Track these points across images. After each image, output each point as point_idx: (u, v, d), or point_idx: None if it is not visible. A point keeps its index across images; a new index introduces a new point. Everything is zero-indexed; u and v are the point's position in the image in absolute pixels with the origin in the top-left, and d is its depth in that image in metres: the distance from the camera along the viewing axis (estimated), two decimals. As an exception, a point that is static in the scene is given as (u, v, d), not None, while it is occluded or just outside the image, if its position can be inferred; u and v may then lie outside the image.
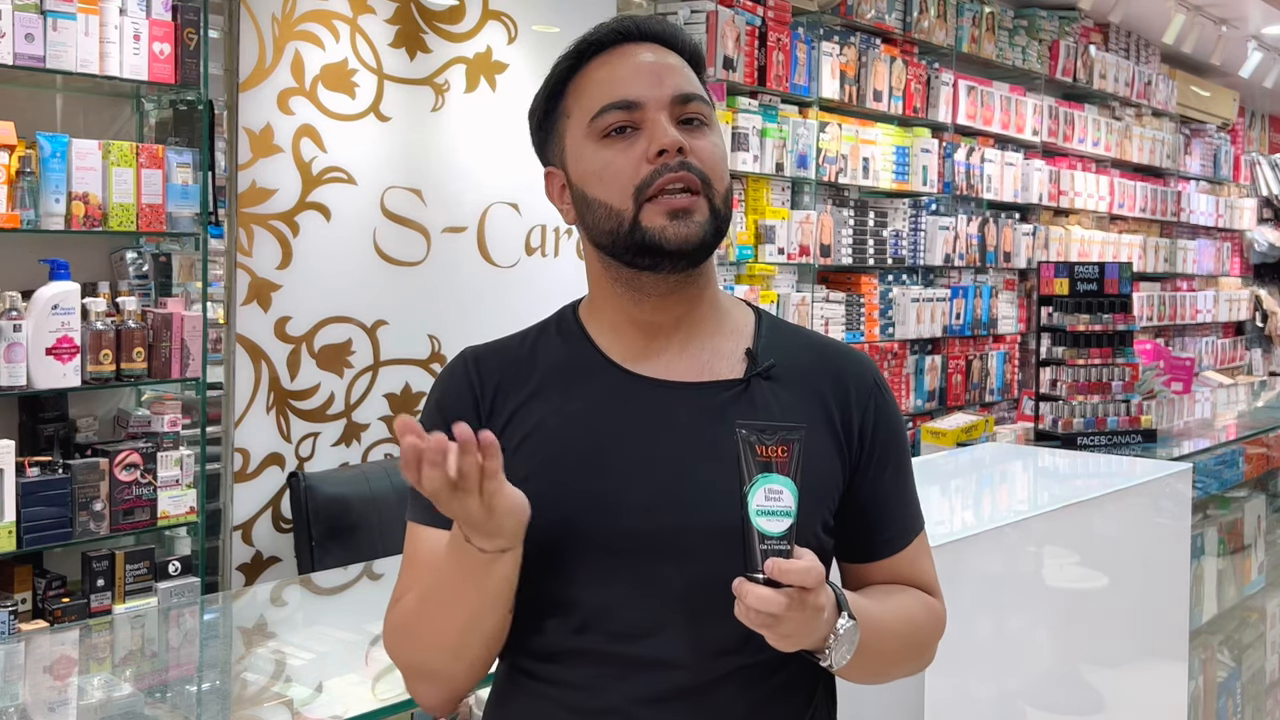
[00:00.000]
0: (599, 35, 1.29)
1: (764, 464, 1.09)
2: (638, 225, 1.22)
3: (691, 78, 1.29)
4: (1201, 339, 8.93)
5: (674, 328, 1.29)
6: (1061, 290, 3.79)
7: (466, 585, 1.18)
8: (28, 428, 3.09)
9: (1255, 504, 4.26)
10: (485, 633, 1.22)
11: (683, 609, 1.22)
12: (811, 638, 1.13)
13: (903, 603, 1.31)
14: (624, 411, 1.26)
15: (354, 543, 3.36)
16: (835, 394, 1.30)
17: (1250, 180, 9.81)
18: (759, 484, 1.09)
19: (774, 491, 1.09)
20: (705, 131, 1.26)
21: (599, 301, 1.32)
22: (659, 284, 1.26)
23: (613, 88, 1.25)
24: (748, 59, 4.82)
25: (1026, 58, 6.74)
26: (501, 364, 1.31)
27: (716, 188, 1.25)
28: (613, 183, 1.23)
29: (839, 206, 5.42)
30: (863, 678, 1.27)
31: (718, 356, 1.29)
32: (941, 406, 5.98)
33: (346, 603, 2.80)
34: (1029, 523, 2.49)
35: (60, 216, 2.94)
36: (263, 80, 3.45)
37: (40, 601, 2.96)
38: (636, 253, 1.24)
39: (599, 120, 1.25)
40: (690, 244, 1.22)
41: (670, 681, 1.22)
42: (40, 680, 2.24)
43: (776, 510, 1.09)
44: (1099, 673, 2.72)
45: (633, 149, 1.23)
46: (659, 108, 1.24)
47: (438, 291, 3.88)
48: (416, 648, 1.25)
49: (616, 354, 1.29)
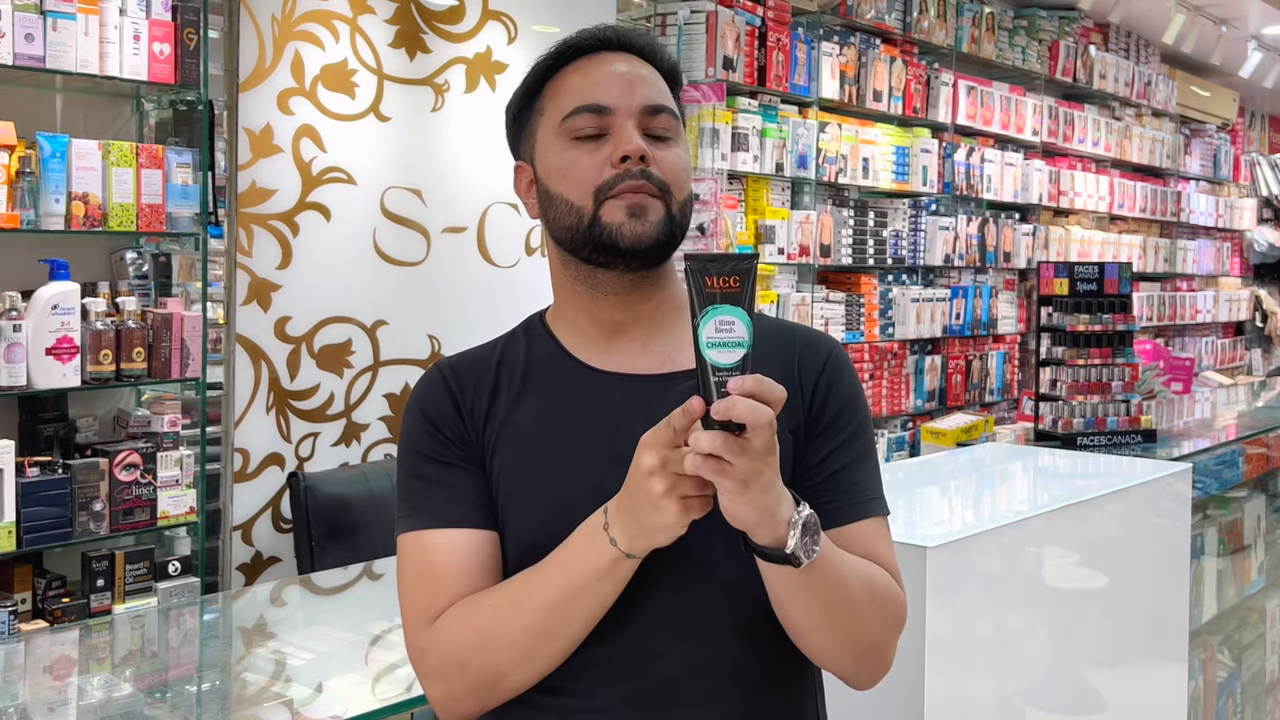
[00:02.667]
0: (580, 40, 1.34)
1: (712, 295, 1.07)
2: (597, 221, 1.26)
3: (664, 91, 1.33)
4: (1201, 339, 8.93)
5: (634, 324, 1.32)
6: (1061, 290, 3.78)
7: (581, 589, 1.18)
8: (28, 428, 3.09)
9: (1255, 504, 4.26)
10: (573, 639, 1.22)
11: (665, 599, 1.22)
12: (767, 510, 1.10)
13: (861, 561, 1.27)
14: (591, 407, 1.28)
15: (354, 543, 3.36)
16: (792, 371, 1.31)
17: (1250, 180, 9.82)
18: (709, 315, 1.06)
19: (725, 323, 1.06)
20: (670, 144, 1.31)
21: (562, 303, 1.36)
22: (616, 282, 1.30)
23: (586, 91, 1.30)
24: (748, 59, 4.82)
25: (1026, 58, 6.74)
26: (475, 372, 1.33)
27: (676, 196, 1.29)
28: (576, 181, 1.28)
29: (839, 207, 5.43)
30: (825, 628, 1.22)
31: (679, 349, 1.32)
32: (941, 407, 5.98)
33: (346, 603, 2.80)
34: (1029, 523, 2.49)
35: (60, 216, 2.94)
36: (263, 80, 3.45)
37: (40, 601, 2.96)
38: (594, 249, 1.27)
39: (570, 121, 1.29)
40: (644, 242, 1.26)
41: (656, 678, 1.23)
42: (40, 680, 2.24)
43: (728, 341, 1.06)
44: (1099, 673, 2.72)
45: (599, 151, 1.28)
46: (628, 115, 1.28)
47: (438, 291, 3.88)
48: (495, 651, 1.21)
49: (581, 352, 1.32)
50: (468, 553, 1.26)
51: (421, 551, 1.27)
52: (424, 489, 1.29)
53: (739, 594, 1.24)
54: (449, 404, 1.31)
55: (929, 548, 2.08)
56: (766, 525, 1.11)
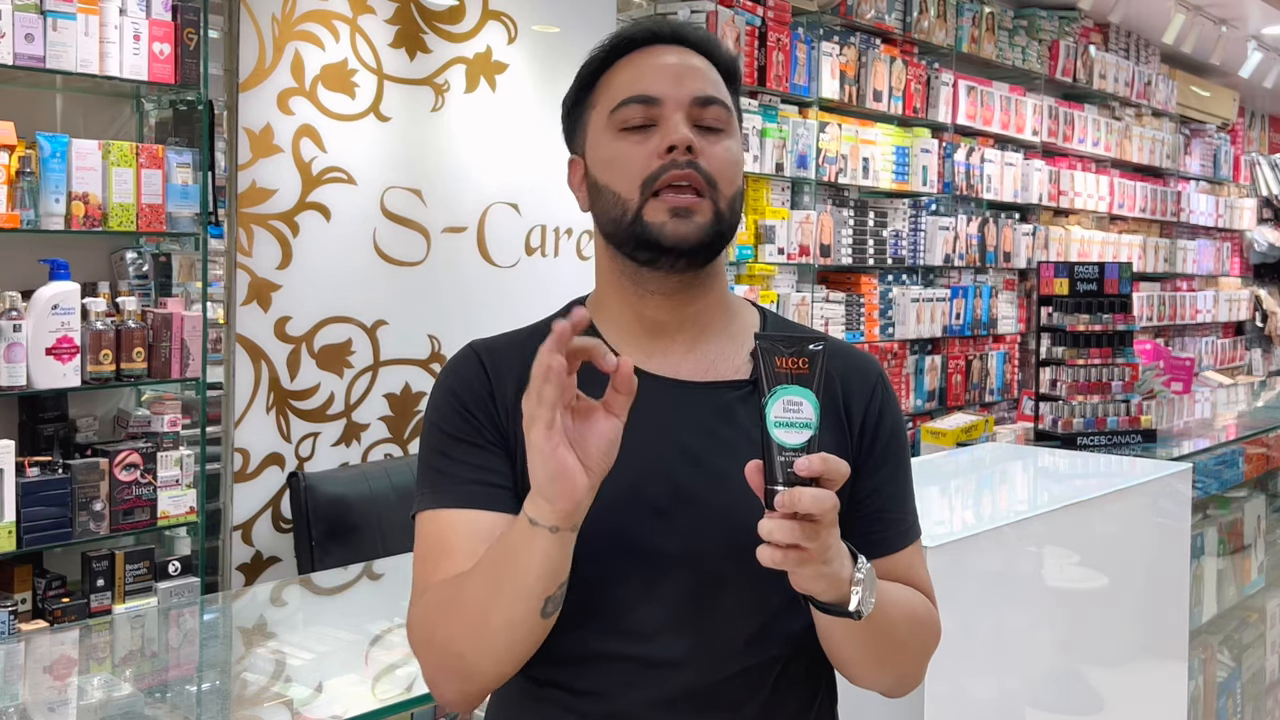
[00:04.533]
0: (633, 32, 1.32)
1: (781, 375, 1.07)
2: (640, 218, 1.24)
3: (717, 83, 1.31)
4: (1201, 339, 8.93)
5: (679, 327, 1.30)
6: (1061, 290, 3.78)
7: (507, 559, 1.14)
8: (28, 428, 3.09)
9: (1255, 504, 4.26)
10: (513, 619, 1.15)
11: (692, 609, 1.22)
12: (834, 577, 1.11)
13: (905, 591, 1.30)
14: (634, 410, 1.24)
15: (354, 543, 3.35)
16: (840, 391, 1.30)
17: (1250, 180, 9.82)
18: (777, 395, 1.06)
19: (793, 403, 1.06)
20: (721, 137, 1.28)
21: (606, 298, 1.33)
22: (661, 282, 1.27)
23: (635, 83, 1.28)
24: (748, 59, 4.82)
25: (1026, 58, 6.74)
26: (510, 357, 1.30)
27: (723, 191, 1.26)
28: (623, 172, 1.26)
29: (839, 206, 5.43)
30: (872, 662, 1.25)
31: (723, 358, 1.30)
32: (941, 406, 5.98)
33: (346, 603, 2.80)
34: (1029, 523, 2.49)
35: (60, 216, 2.94)
36: (263, 80, 3.45)
37: (40, 601, 2.96)
38: (636, 245, 1.25)
39: (619, 113, 1.28)
40: (687, 242, 1.24)
41: (678, 682, 1.22)
42: (40, 680, 2.24)
43: (795, 422, 1.06)
44: (1099, 673, 2.72)
45: (647, 142, 1.26)
46: (677, 107, 1.26)
47: (438, 291, 3.88)
48: (450, 625, 1.19)
49: (624, 350, 1.28)
50: (483, 534, 1.21)
51: (438, 530, 1.24)
52: (449, 467, 1.25)
53: (763, 609, 1.25)
54: (481, 384, 1.28)
55: (929, 548, 2.08)
56: (833, 589, 1.12)
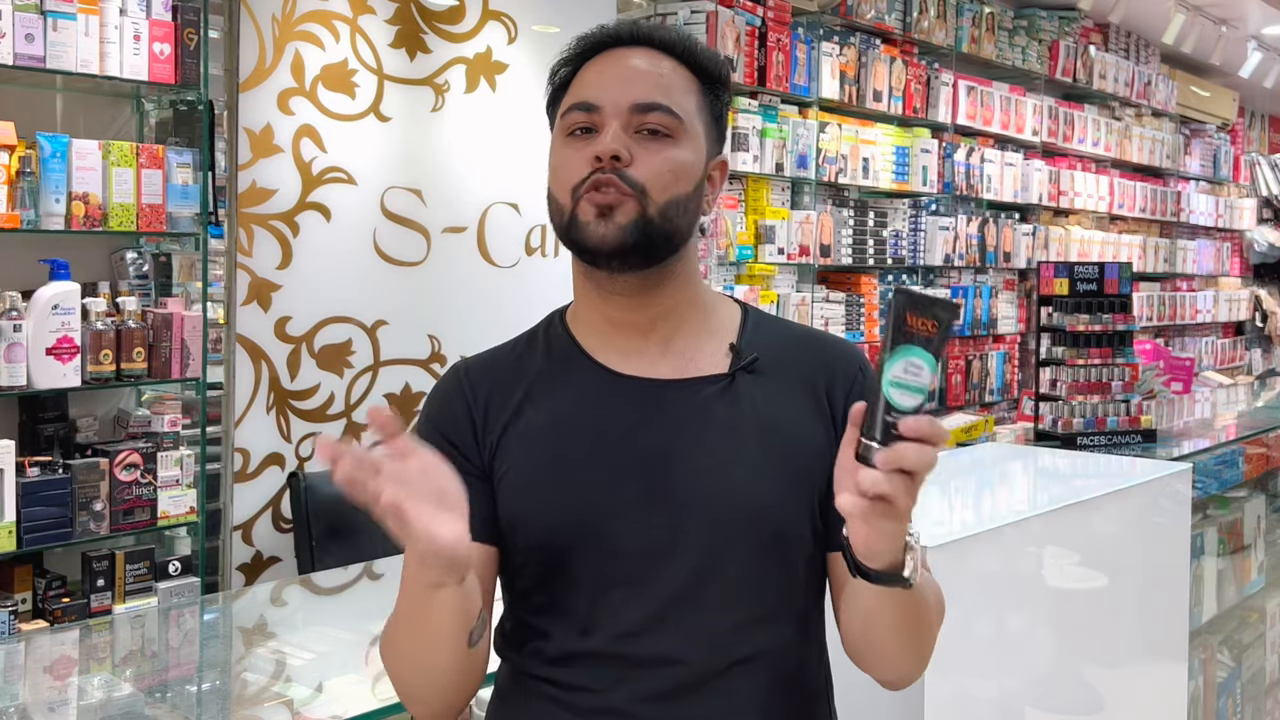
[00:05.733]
0: (597, 36, 1.31)
1: (910, 333, 1.02)
2: (574, 219, 1.24)
3: (671, 86, 1.27)
4: (1201, 339, 8.93)
5: (650, 326, 1.30)
6: (1061, 290, 3.79)
7: (416, 612, 1.18)
8: (28, 428, 3.09)
9: (1255, 504, 4.26)
10: (441, 664, 1.20)
11: (680, 605, 1.23)
12: (902, 537, 1.10)
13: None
14: (611, 411, 1.27)
15: (354, 543, 3.35)
16: (821, 380, 1.30)
17: (1250, 180, 9.81)
18: (900, 354, 1.02)
19: (914, 365, 1.02)
20: (662, 144, 1.24)
21: (581, 304, 1.34)
22: (615, 283, 1.27)
23: (581, 89, 1.28)
24: (748, 59, 4.82)
25: (1026, 58, 6.74)
26: (493, 374, 1.32)
27: (653, 198, 1.23)
28: (563, 178, 1.26)
29: (839, 206, 5.42)
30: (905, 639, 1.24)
31: (701, 354, 1.30)
32: (941, 406, 5.98)
33: (346, 603, 2.80)
34: (1029, 523, 2.49)
35: (60, 216, 2.94)
36: (263, 80, 3.45)
37: (40, 601, 2.96)
38: (574, 248, 1.27)
39: (566, 119, 1.28)
40: (608, 243, 1.22)
41: (672, 678, 1.23)
42: (40, 680, 2.24)
43: (912, 385, 1.03)
44: (1099, 673, 2.72)
45: (586, 149, 1.24)
46: (615, 114, 1.24)
47: (438, 291, 3.88)
48: (398, 664, 1.26)
49: (599, 353, 1.30)
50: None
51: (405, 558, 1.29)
52: None
53: (749, 603, 1.25)
54: (463, 414, 1.30)
55: (929, 548, 2.08)
56: (896, 552, 1.11)
